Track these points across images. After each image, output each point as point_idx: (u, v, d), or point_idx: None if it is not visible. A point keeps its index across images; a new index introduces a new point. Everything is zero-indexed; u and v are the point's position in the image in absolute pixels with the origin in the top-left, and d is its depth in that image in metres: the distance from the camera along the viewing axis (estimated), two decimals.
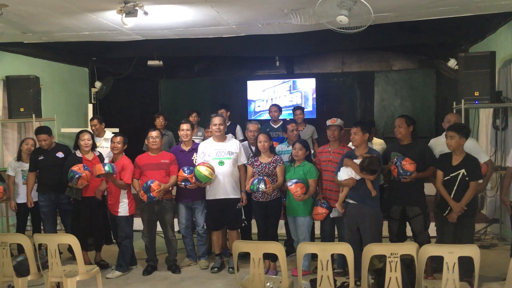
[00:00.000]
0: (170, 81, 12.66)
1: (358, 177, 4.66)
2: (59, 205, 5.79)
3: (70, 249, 5.35)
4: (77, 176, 5.17)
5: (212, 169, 5.24)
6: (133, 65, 10.17)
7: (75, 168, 5.22)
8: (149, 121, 9.10)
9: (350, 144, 5.48)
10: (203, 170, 5.16)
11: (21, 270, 4.32)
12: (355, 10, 4.54)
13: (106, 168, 5.13)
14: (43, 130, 5.73)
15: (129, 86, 11.05)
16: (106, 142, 6.62)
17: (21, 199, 5.89)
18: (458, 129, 4.67)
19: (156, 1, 4.79)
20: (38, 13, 5.17)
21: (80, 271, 4.26)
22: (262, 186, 4.98)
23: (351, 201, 4.79)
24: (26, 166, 5.87)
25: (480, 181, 4.73)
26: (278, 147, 5.78)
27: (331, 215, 5.14)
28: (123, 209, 5.40)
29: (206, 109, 9.61)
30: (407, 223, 4.98)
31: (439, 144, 5.07)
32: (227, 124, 6.37)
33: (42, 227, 6.08)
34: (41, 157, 5.71)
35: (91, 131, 5.85)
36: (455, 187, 4.63)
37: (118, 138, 5.50)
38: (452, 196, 4.64)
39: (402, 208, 4.85)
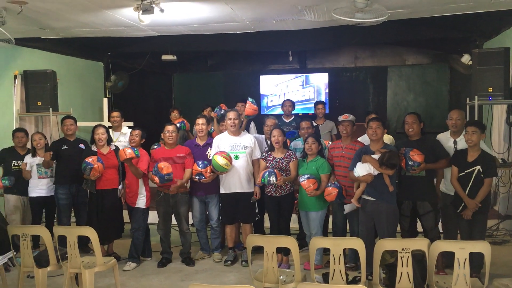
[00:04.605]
0: (184, 75, 12.75)
1: (376, 173, 4.65)
2: (78, 198, 5.91)
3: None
4: (89, 167, 5.27)
5: (229, 159, 5.28)
6: (147, 59, 10.27)
7: (88, 159, 5.32)
8: (163, 115, 9.21)
9: (361, 138, 5.51)
10: (219, 160, 5.22)
11: (41, 261, 4.45)
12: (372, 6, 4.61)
13: (136, 152, 5.25)
14: (70, 116, 6.02)
15: (143, 80, 11.17)
16: (123, 136, 6.72)
17: (36, 192, 5.89)
18: (480, 125, 4.70)
19: None
20: (56, 10, 5.26)
21: (98, 263, 4.38)
22: (273, 178, 5.02)
23: (369, 198, 4.77)
24: (40, 160, 5.87)
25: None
26: (293, 144, 5.81)
27: (344, 212, 5.17)
28: (141, 201, 5.53)
29: (219, 104, 9.68)
30: (418, 220, 5.01)
31: (444, 139, 5.10)
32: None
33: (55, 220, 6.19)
34: (65, 147, 5.84)
35: (105, 126, 5.92)
36: (470, 183, 4.65)
37: (137, 132, 5.63)
38: (466, 192, 4.67)
39: (413, 204, 4.88)
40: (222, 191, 5.56)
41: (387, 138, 6.04)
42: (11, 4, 4.88)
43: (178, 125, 6.63)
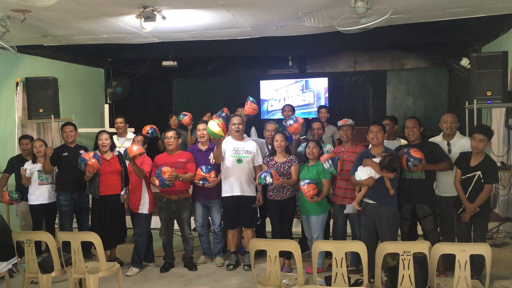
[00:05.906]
0: (184, 80, 12.80)
1: (377, 176, 4.69)
2: (79, 204, 5.93)
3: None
4: (84, 162, 5.26)
5: (223, 127, 5.14)
6: (148, 65, 10.33)
7: (84, 155, 5.32)
8: (163, 120, 9.25)
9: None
10: (213, 127, 5.12)
11: (46, 266, 4.47)
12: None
13: (143, 149, 5.30)
14: (70, 123, 6.03)
15: (143, 86, 11.23)
16: (128, 142, 6.75)
17: (37, 200, 5.91)
18: (488, 133, 4.66)
19: (174, 5, 4.91)
20: (60, 18, 5.31)
21: (102, 268, 4.41)
22: (269, 179, 5.04)
23: (370, 201, 4.81)
24: (41, 166, 5.89)
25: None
26: (301, 147, 5.85)
27: (345, 211, 5.22)
28: (144, 207, 5.55)
29: (220, 109, 9.73)
30: (418, 223, 5.04)
31: (438, 143, 5.08)
32: None
33: (57, 226, 6.20)
34: (66, 153, 5.84)
35: (108, 132, 5.95)
36: (470, 187, 4.68)
37: (139, 138, 5.69)
38: (466, 196, 4.70)
39: (412, 207, 4.91)
40: (223, 194, 5.58)
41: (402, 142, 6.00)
42: (14, 13, 4.94)
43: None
